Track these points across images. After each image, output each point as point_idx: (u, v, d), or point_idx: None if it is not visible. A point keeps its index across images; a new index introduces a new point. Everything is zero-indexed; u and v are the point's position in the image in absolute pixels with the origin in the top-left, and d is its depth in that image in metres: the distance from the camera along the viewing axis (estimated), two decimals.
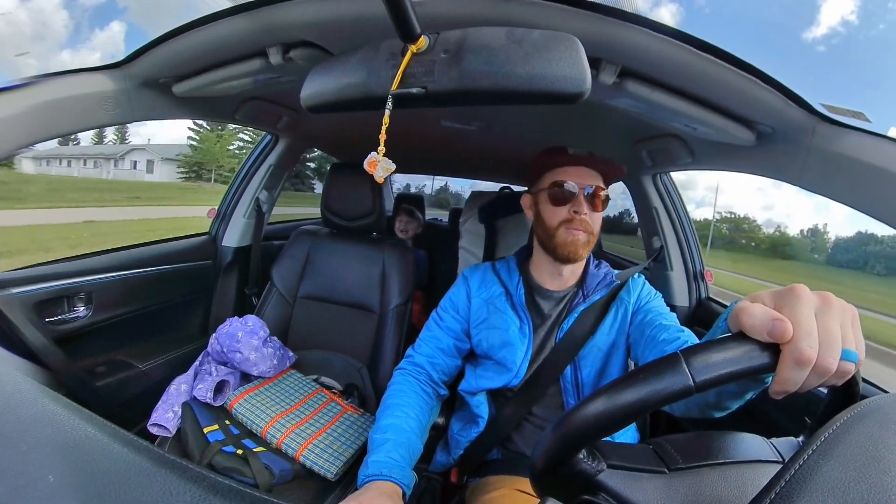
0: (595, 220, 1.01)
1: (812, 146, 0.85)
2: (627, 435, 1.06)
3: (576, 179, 1.00)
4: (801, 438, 0.51)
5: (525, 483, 0.87)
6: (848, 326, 0.40)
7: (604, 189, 1.02)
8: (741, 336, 0.39)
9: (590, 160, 1.02)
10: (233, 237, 1.97)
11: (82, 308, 1.34)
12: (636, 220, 1.92)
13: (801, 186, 0.94)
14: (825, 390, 0.45)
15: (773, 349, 0.38)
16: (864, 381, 0.93)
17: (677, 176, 1.72)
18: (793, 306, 0.39)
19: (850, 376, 0.40)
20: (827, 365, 0.38)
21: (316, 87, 0.72)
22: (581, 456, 0.43)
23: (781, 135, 0.93)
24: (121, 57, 1.07)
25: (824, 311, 0.39)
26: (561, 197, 1.00)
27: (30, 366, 1.11)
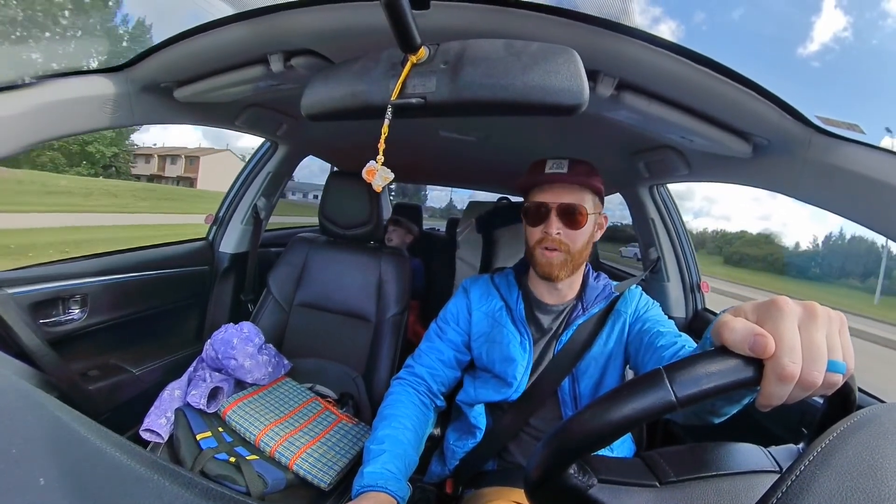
0: (574, 238, 0.99)
1: (808, 158, 0.86)
2: (624, 447, 1.06)
3: (548, 198, 0.99)
4: (800, 445, 0.51)
5: (521, 495, 0.86)
6: (835, 336, 0.39)
7: (582, 205, 0.98)
8: (724, 350, 0.39)
9: (567, 176, 0.99)
10: (230, 243, 1.96)
11: (77, 310, 1.33)
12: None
13: (797, 198, 0.95)
14: (821, 400, 0.45)
15: (757, 363, 0.37)
16: (861, 390, 0.93)
17: (675, 187, 1.73)
18: (775, 320, 0.38)
19: (838, 387, 0.39)
20: (812, 379, 0.37)
21: (316, 95, 0.72)
22: (572, 471, 0.42)
23: (778, 147, 0.94)
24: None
25: (808, 323, 0.38)
26: (534, 216, 1.01)
27: (23, 367, 1.10)
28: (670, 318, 1.04)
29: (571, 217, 0.98)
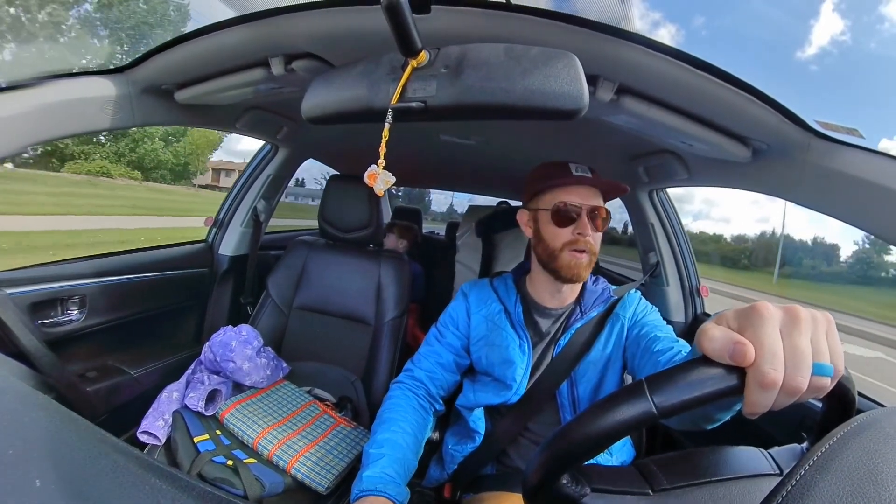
0: (597, 239, 1.00)
1: (807, 162, 0.87)
2: (623, 452, 1.05)
3: (579, 200, 0.98)
4: (804, 445, 0.51)
5: (519, 499, 0.86)
6: (821, 338, 0.38)
7: (605, 209, 1.01)
8: (705, 360, 0.38)
9: (593, 179, 1.00)
10: (229, 245, 1.96)
11: (76, 311, 1.33)
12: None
13: (796, 202, 0.95)
14: (820, 403, 0.44)
15: (739, 372, 0.37)
16: (860, 395, 0.93)
17: (674, 190, 1.73)
18: (755, 326, 0.37)
19: (827, 391, 0.38)
20: (795, 385, 0.36)
21: (317, 99, 0.72)
22: (565, 481, 0.42)
23: (777, 151, 0.94)
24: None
25: (791, 328, 0.37)
26: (565, 218, 0.98)
27: (20, 368, 1.10)
28: (670, 322, 1.04)
29: (598, 220, 0.99)
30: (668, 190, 1.72)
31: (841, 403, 0.42)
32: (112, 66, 1.08)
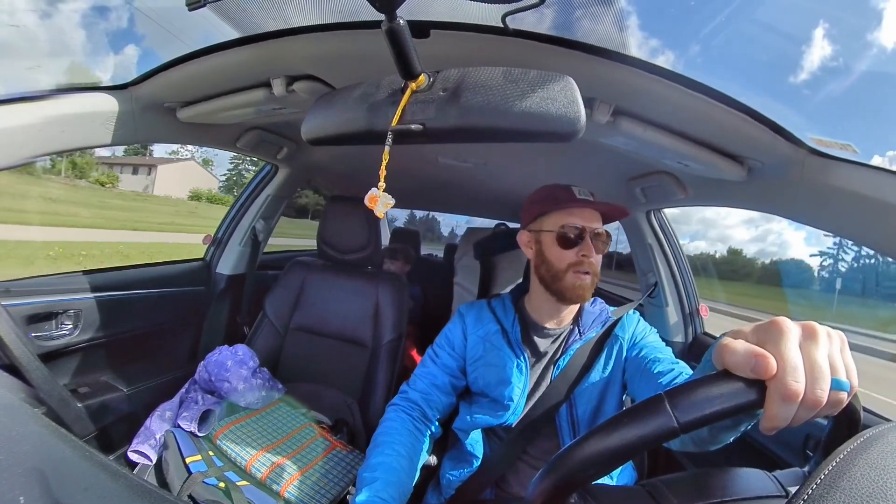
0: (598, 261, 1.01)
1: (802, 179, 0.87)
2: (625, 475, 1.04)
3: (584, 223, 0.99)
4: (806, 469, 0.50)
5: None
6: (836, 355, 0.39)
7: (606, 231, 1.02)
8: (726, 374, 0.38)
9: (595, 202, 1.01)
10: (227, 264, 1.96)
11: (70, 325, 1.32)
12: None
13: (793, 219, 0.96)
14: (825, 421, 0.44)
15: (759, 385, 0.37)
16: (866, 410, 0.91)
17: (671, 210, 1.74)
18: (776, 340, 0.38)
19: (843, 406, 0.38)
20: (816, 398, 0.36)
21: (317, 120, 0.73)
22: (573, 500, 0.41)
23: (772, 169, 0.95)
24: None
25: (809, 343, 0.38)
26: (570, 240, 0.99)
27: (11, 380, 1.08)
28: (669, 343, 1.04)
29: (601, 242, 1.00)
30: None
31: (847, 420, 0.42)
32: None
